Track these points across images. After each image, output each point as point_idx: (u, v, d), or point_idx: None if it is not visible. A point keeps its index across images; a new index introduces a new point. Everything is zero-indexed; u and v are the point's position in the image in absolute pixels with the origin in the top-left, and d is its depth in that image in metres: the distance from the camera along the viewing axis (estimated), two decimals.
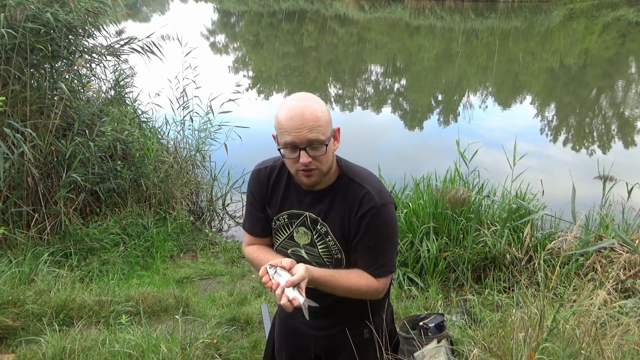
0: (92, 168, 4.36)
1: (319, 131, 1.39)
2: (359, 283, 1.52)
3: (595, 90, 12.30)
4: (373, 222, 1.48)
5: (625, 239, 2.51)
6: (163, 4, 33.27)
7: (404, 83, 14.21)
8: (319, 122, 1.39)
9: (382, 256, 1.52)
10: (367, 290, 1.53)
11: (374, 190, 1.49)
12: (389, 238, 1.53)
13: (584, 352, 1.83)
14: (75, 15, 4.21)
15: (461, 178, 4.54)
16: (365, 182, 1.51)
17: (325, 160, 1.44)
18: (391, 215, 1.51)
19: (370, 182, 1.52)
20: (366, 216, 1.47)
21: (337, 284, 1.50)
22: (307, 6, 29.79)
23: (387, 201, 1.50)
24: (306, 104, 1.40)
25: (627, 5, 26.59)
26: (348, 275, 1.53)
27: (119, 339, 2.58)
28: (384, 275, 1.54)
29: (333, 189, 1.53)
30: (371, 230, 1.48)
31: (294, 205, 1.57)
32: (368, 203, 1.47)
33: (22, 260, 3.53)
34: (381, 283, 1.54)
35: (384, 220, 1.49)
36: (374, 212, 1.47)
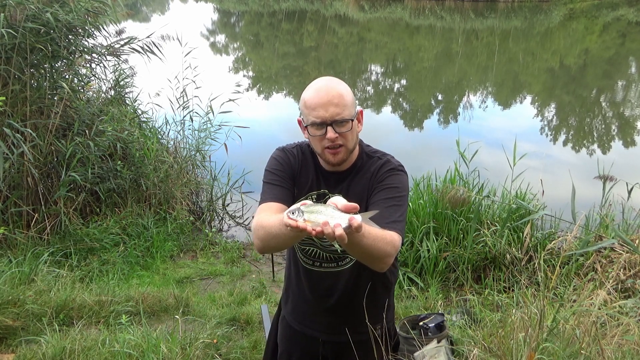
0: (92, 168, 4.35)
1: (345, 108, 1.46)
2: (384, 234, 1.38)
3: (595, 90, 12.30)
4: (392, 177, 1.54)
5: (625, 239, 2.51)
6: (163, 4, 33.25)
7: (404, 83, 14.21)
8: (344, 100, 1.47)
9: (396, 212, 1.51)
10: (390, 241, 1.39)
11: (393, 159, 1.60)
12: (403, 199, 1.54)
13: (584, 352, 1.83)
14: (75, 15, 4.20)
15: (461, 178, 4.54)
16: (384, 155, 1.61)
17: (351, 138, 1.51)
18: (406, 181, 1.58)
19: (389, 156, 1.62)
20: (387, 173, 1.54)
21: (369, 232, 1.31)
22: (307, 6, 29.79)
23: (405, 171, 1.59)
24: (331, 84, 1.50)
25: (627, 5, 26.59)
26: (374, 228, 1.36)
27: (119, 339, 2.58)
28: (399, 231, 1.46)
29: (355, 168, 1.59)
30: (389, 184, 1.53)
31: (321, 186, 1.62)
32: (389, 165, 1.56)
33: (22, 260, 3.52)
34: (397, 237, 1.44)
35: (401, 180, 1.55)
36: (394, 171, 1.55)
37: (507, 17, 25.27)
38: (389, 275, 1.72)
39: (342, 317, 1.67)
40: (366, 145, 1.65)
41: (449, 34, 21.33)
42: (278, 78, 13.97)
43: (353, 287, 1.65)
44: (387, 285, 1.74)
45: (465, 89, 12.81)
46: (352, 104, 1.49)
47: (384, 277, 1.68)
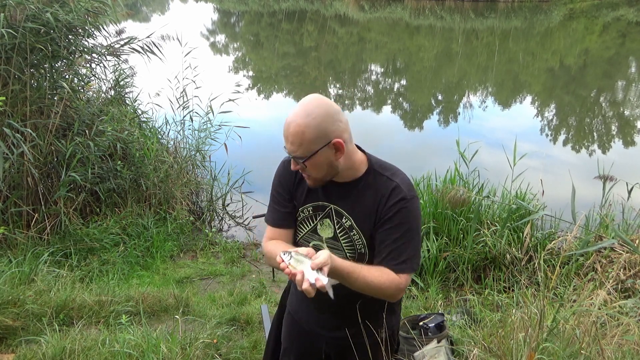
0: (92, 168, 4.35)
1: (300, 147, 1.41)
2: (380, 277, 1.46)
3: (595, 90, 12.30)
4: (401, 213, 1.47)
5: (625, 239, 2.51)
6: (163, 4, 33.26)
7: (404, 83, 14.21)
8: (299, 139, 1.40)
9: (406, 250, 1.48)
10: (388, 287, 1.46)
11: (404, 183, 1.50)
12: (414, 232, 1.50)
13: (584, 352, 1.83)
14: (75, 15, 4.20)
15: (461, 178, 4.55)
16: (395, 175, 1.52)
17: (317, 170, 1.47)
18: (418, 209, 1.51)
19: (400, 176, 1.53)
20: (395, 207, 1.47)
21: (359, 276, 1.44)
22: (307, 6, 29.79)
23: (415, 195, 1.51)
24: (298, 117, 1.41)
25: (627, 5, 26.61)
26: (370, 269, 1.47)
27: (119, 339, 2.58)
28: (407, 272, 1.48)
29: (361, 182, 1.53)
30: (398, 222, 1.47)
31: (320, 198, 1.57)
32: (398, 194, 1.47)
33: (22, 260, 3.52)
34: (403, 279, 1.48)
35: (412, 212, 1.48)
36: (403, 203, 1.46)
37: (507, 17, 25.28)
38: None
39: (343, 316, 1.66)
40: (375, 160, 1.56)
41: (449, 34, 21.33)
42: (278, 78, 13.97)
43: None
44: None
45: (465, 89, 12.81)
46: (312, 141, 1.40)
47: None
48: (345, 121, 1.45)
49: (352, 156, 1.50)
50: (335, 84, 13.40)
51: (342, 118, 1.45)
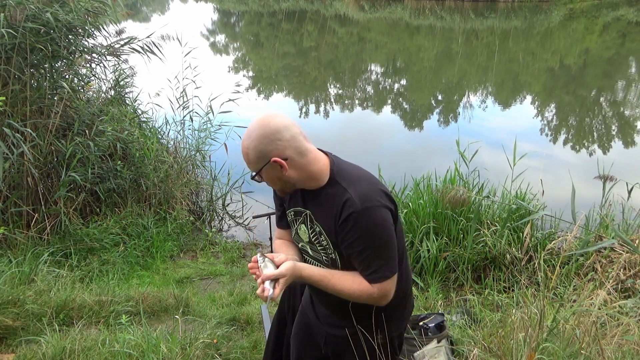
0: (92, 168, 4.35)
1: (248, 165, 1.52)
2: (351, 287, 1.51)
3: (595, 90, 12.29)
4: (356, 227, 1.44)
5: (625, 239, 2.51)
6: (163, 4, 33.26)
7: (404, 83, 14.21)
8: (247, 159, 1.51)
9: (374, 261, 1.48)
10: (359, 295, 1.51)
11: (357, 194, 1.45)
12: (377, 241, 1.47)
13: (584, 352, 1.83)
14: (75, 15, 4.20)
15: (461, 178, 4.54)
16: (351, 185, 1.48)
17: (271, 184, 1.56)
18: (375, 218, 1.46)
19: (357, 185, 1.48)
20: (348, 222, 1.45)
21: (329, 285, 1.52)
22: (307, 6, 29.80)
23: (371, 205, 1.45)
24: (243, 139, 1.50)
25: (627, 5, 26.60)
26: (342, 277, 1.52)
27: (119, 339, 2.58)
28: (379, 281, 1.49)
29: (323, 191, 1.53)
30: (356, 235, 1.45)
31: (298, 203, 1.61)
32: (349, 208, 1.44)
33: (22, 260, 3.52)
34: (376, 289, 1.50)
35: (367, 224, 1.45)
36: (355, 217, 1.43)
37: (507, 17, 25.27)
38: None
39: (339, 314, 1.68)
40: (337, 168, 1.54)
41: (449, 34, 21.33)
42: (278, 78, 13.97)
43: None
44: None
45: (465, 89, 12.81)
46: (255, 160, 1.49)
47: None
48: (288, 138, 1.45)
49: (309, 167, 1.50)
50: (335, 84, 13.40)
51: (284, 136, 1.45)
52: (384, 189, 1.53)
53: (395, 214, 1.54)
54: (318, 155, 1.53)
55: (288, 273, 1.45)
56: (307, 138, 1.52)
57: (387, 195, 1.52)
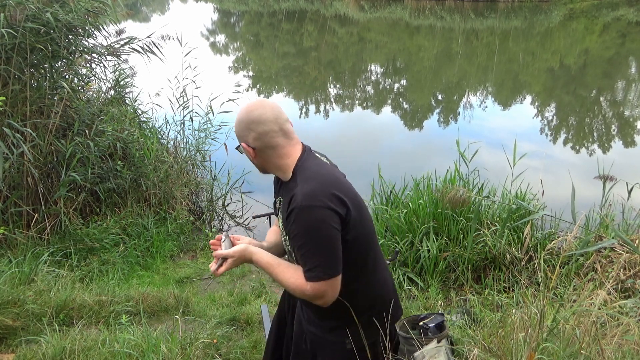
0: (92, 168, 4.35)
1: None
2: (289, 279, 1.55)
3: (595, 90, 12.29)
4: (296, 223, 1.48)
5: (625, 239, 2.51)
6: (163, 4, 33.27)
7: (404, 83, 14.21)
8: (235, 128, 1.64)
9: (310, 260, 1.49)
10: (295, 289, 1.55)
11: (303, 191, 1.48)
12: (313, 241, 1.48)
13: (584, 352, 1.83)
14: (75, 15, 4.20)
15: (461, 178, 4.55)
16: (303, 182, 1.51)
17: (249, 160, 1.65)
18: (312, 217, 1.46)
19: (307, 182, 1.51)
20: (290, 217, 1.49)
21: (273, 273, 1.59)
22: (307, 6, 29.80)
23: (311, 204, 1.46)
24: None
25: (627, 5, 26.60)
26: (286, 269, 1.57)
27: (119, 339, 2.58)
28: (313, 280, 1.50)
29: (289, 185, 1.60)
30: (296, 232, 1.49)
31: (280, 193, 1.68)
32: (292, 204, 1.48)
33: (22, 260, 3.52)
34: (309, 287, 1.50)
35: (305, 222, 1.47)
36: (295, 213, 1.47)
37: (507, 17, 25.27)
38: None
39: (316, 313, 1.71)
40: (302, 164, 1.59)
41: (449, 34, 21.33)
42: (278, 78, 13.97)
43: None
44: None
45: (465, 89, 12.81)
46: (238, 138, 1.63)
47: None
48: (260, 132, 1.55)
49: (275, 160, 1.60)
50: (335, 84, 13.40)
51: (256, 128, 1.56)
52: (339, 193, 1.50)
53: (345, 219, 1.51)
54: (291, 150, 1.59)
55: (236, 255, 1.59)
56: (288, 133, 1.59)
57: (338, 199, 1.50)
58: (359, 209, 1.56)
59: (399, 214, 4.25)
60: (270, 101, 1.63)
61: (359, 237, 1.57)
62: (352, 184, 1.64)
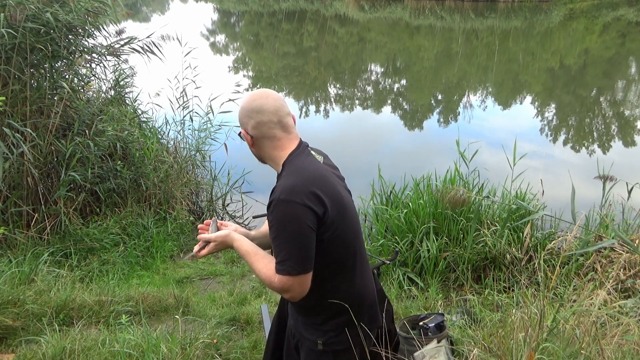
0: (92, 168, 4.35)
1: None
2: (261, 268, 1.56)
3: (595, 90, 12.29)
4: (272, 215, 1.50)
5: (625, 239, 2.51)
6: (163, 4, 33.27)
7: (404, 83, 14.21)
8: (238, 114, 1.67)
9: (280, 252, 1.50)
10: (264, 279, 1.56)
11: (284, 185, 1.49)
12: (286, 236, 1.48)
13: (584, 352, 1.83)
14: (75, 15, 4.20)
15: (461, 178, 4.55)
16: (287, 175, 1.54)
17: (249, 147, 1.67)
18: (288, 212, 1.46)
19: (290, 177, 1.52)
20: (269, 208, 1.52)
21: (249, 260, 1.61)
22: (307, 6, 29.80)
23: (288, 198, 1.46)
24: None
25: (627, 5, 26.61)
26: (261, 258, 1.59)
27: (119, 339, 2.58)
28: (281, 273, 1.49)
29: (279, 177, 1.61)
30: (271, 223, 1.51)
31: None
32: (272, 196, 1.51)
33: (22, 260, 3.52)
34: (277, 279, 1.50)
35: (279, 215, 1.48)
36: (273, 204, 1.49)
37: (507, 17, 25.27)
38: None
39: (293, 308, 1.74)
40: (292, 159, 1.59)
41: (449, 34, 21.33)
42: (278, 78, 13.97)
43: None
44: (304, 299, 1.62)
45: (465, 89, 12.81)
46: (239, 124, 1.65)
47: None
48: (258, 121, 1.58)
49: (270, 151, 1.63)
50: (335, 84, 13.40)
51: (256, 118, 1.58)
52: (319, 192, 1.49)
53: (322, 219, 1.49)
54: (286, 144, 1.61)
55: (218, 239, 1.65)
56: (287, 126, 1.61)
57: (317, 197, 1.48)
58: (340, 210, 1.54)
59: (399, 214, 4.25)
60: (275, 93, 1.64)
61: (337, 238, 1.54)
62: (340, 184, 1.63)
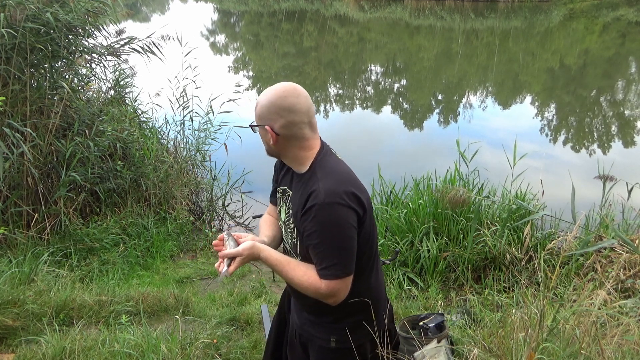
0: (92, 168, 4.35)
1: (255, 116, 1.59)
2: (301, 277, 1.51)
3: (595, 90, 12.29)
4: (315, 219, 1.45)
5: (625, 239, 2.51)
6: (163, 4, 33.27)
7: (404, 83, 14.21)
8: (255, 109, 1.58)
9: (327, 257, 1.47)
10: (307, 288, 1.51)
11: (326, 187, 1.46)
12: (332, 239, 1.46)
13: (584, 352, 1.83)
14: (75, 15, 4.20)
15: (461, 178, 4.55)
16: (324, 177, 1.49)
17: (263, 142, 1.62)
18: (335, 215, 1.44)
19: (329, 178, 1.49)
20: (310, 212, 1.46)
21: (282, 271, 1.53)
22: (307, 6, 29.80)
23: (334, 201, 1.44)
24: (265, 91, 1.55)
25: (627, 5, 26.61)
26: (296, 266, 1.53)
27: (119, 339, 2.58)
28: (329, 278, 1.47)
29: (303, 177, 1.56)
30: (314, 228, 1.46)
31: (287, 183, 1.65)
32: (313, 200, 1.45)
33: (22, 260, 3.52)
34: (323, 285, 1.48)
35: (326, 219, 1.44)
36: (315, 209, 1.44)
37: (507, 17, 25.28)
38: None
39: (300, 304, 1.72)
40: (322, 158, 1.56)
41: (449, 34, 21.33)
42: (278, 78, 13.96)
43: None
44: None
45: (465, 89, 12.81)
46: (258, 116, 1.57)
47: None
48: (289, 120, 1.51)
49: (295, 151, 1.56)
50: (335, 84, 13.40)
51: (287, 117, 1.51)
52: (357, 192, 1.49)
53: (362, 219, 1.50)
54: (312, 144, 1.57)
55: (245, 253, 1.51)
56: (315, 126, 1.58)
57: (357, 198, 1.49)
58: (369, 209, 1.55)
59: (399, 214, 4.25)
60: (303, 90, 1.56)
61: (367, 237, 1.56)
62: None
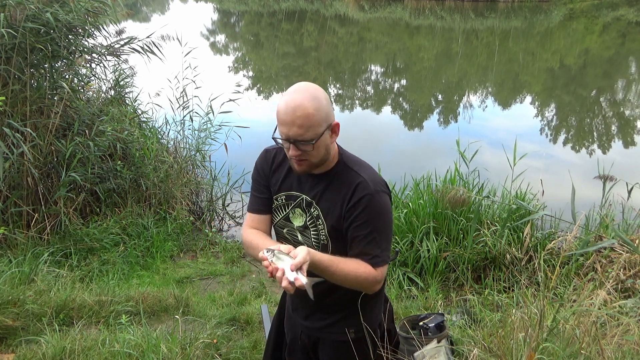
0: (92, 168, 4.35)
1: (309, 129, 1.43)
2: (357, 270, 1.51)
3: (595, 90, 12.30)
4: (368, 209, 1.49)
5: (625, 239, 2.52)
6: (163, 4, 33.26)
7: (404, 83, 14.21)
8: (309, 121, 1.42)
9: (379, 245, 1.52)
10: (365, 278, 1.51)
11: (369, 178, 1.52)
12: (384, 226, 1.53)
13: (584, 352, 1.83)
14: (75, 15, 4.20)
15: (461, 178, 4.55)
16: (362, 170, 1.55)
17: (315, 154, 1.49)
18: (385, 203, 1.53)
19: (367, 170, 1.56)
20: (360, 203, 1.49)
21: (337, 269, 1.49)
22: (307, 6, 29.79)
23: (381, 189, 1.53)
24: (300, 101, 1.42)
25: (627, 5, 26.61)
26: (347, 262, 1.52)
27: (119, 339, 2.58)
28: (382, 265, 1.53)
29: (330, 175, 1.57)
30: (366, 218, 1.49)
31: (293, 187, 1.63)
32: (363, 190, 1.49)
33: (22, 260, 3.52)
34: (379, 272, 1.53)
35: (377, 207, 1.51)
36: (368, 199, 1.49)
37: (507, 17, 25.28)
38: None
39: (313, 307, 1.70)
40: (346, 154, 1.60)
41: (449, 34, 21.33)
42: (278, 78, 13.97)
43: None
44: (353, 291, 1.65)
45: (465, 89, 12.81)
46: (319, 123, 1.44)
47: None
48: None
49: (333, 147, 1.57)
50: (335, 84, 13.40)
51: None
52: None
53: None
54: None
55: (309, 258, 1.40)
56: None
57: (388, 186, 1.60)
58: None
59: (399, 214, 4.24)
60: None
61: None
62: None
